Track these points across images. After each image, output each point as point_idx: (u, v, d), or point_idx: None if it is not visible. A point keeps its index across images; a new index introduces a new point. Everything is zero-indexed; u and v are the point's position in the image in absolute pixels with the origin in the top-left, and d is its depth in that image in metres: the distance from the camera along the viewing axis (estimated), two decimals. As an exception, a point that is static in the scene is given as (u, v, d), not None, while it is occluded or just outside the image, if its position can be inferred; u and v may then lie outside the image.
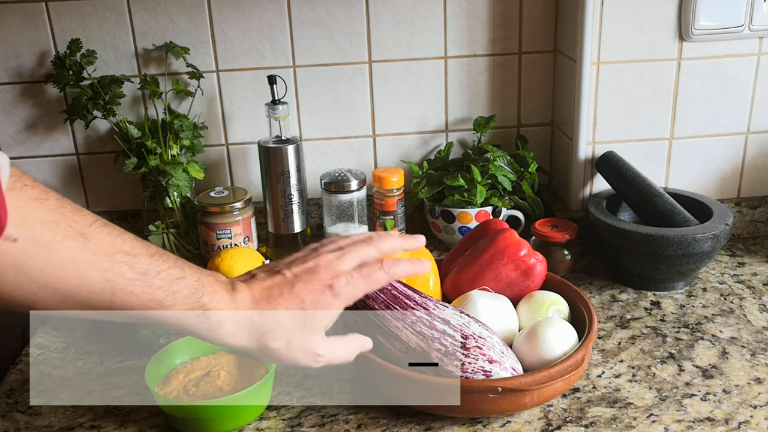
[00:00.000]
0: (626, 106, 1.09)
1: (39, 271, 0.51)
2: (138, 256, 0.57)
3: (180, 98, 1.17)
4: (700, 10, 1.02)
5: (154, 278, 0.58)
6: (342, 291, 0.67)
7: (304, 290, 0.66)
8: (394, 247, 0.73)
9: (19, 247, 0.49)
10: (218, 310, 0.62)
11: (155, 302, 0.58)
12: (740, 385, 0.80)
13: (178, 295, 0.59)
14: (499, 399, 0.72)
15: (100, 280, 0.54)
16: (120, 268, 0.55)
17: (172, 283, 0.59)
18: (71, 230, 0.53)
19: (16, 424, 0.78)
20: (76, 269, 0.53)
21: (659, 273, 0.99)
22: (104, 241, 0.55)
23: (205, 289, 0.61)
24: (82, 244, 0.53)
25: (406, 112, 1.21)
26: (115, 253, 0.55)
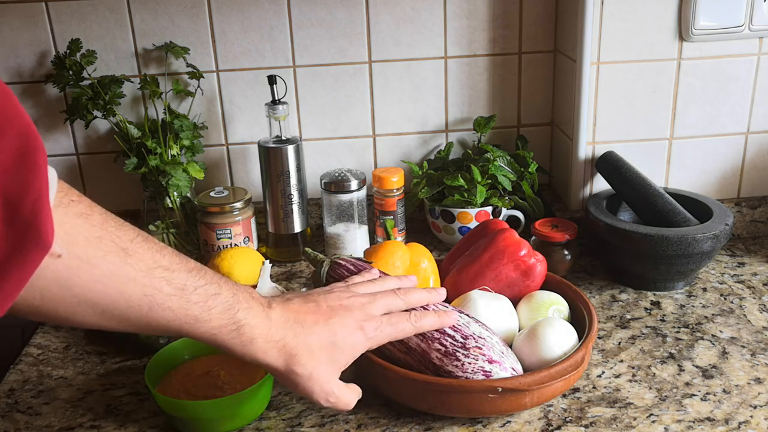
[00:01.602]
0: (626, 106, 1.09)
1: (81, 286, 0.52)
2: (176, 271, 0.58)
3: (180, 98, 1.17)
4: (700, 10, 1.02)
5: (191, 294, 0.59)
6: (371, 334, 0.70)
7: (338, 325, 0.68)
8: (420, 299, 0.75)
9: (63, 263, 0.50)
10: (252, 327, 0.63)
11: (191, 317, 0.59)
12: (740, 385, 0.80)
13: (213, 310, 0.60)
14: (499, 399, 0.72)
15: (139, 295, 0.55)
16: (159, 283, 0.56)
17: (208, 299, 0.60)
18: (113, 246, 0.54)
19: (16, 424, 0.78)
20: (116, 284, 0.54)
21: (659, 273, 0.99)
22: (145, 256, 0.56)
23: (240, 305, 0.63)
24: (123, 259, 0.54)
25: (406, 112, 1.21)
26: (154, 269, 0.56)
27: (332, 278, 0.82)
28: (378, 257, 0.89)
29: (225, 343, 0.63)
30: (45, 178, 0.47)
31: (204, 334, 0.61)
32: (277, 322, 0.65)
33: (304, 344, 0.66)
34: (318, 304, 0.69)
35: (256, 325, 0.64)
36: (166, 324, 0.58)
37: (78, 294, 0.52)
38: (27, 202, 0.45)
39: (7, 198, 0.44)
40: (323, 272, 0.82)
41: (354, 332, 0.69)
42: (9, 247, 0.45)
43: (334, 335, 0.67)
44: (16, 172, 0.45)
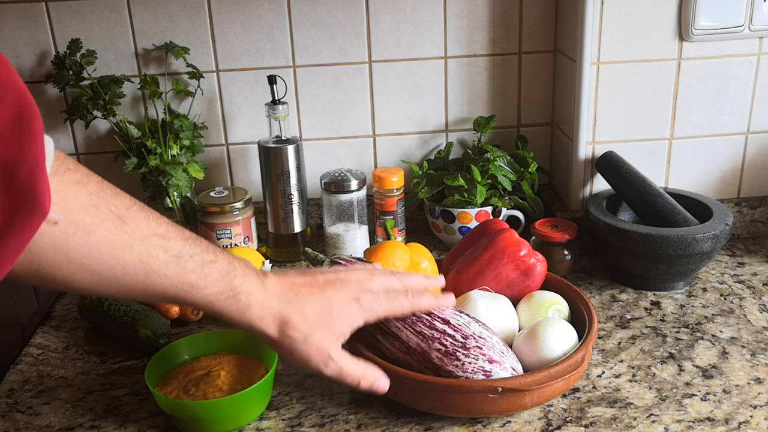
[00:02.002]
0: (626, 106, 1.09)
1: (77, 252, 0.53)
2: (172, 239, 0.60)
3: (180, 98, 1.17)
4: (700, 10, 1.02)
5: (187, 261, 0.60)
6: (367, 306, 0.70)
7: (334, 296, 0.69)
8: (418, 282, 0.76)
9: (59, 229, 0.51)
10: (248, 293, 0.64)
11: (187, 284, 0.60)
12: (740, 385, 0.80)
13: (209, 277, 0.62)
14: (499, 399, 0.72)
15: (135, 261, 0.57)
16: (154, 250, 0.58)
17: (204, 267, 0.61)
18: (110, 214, 0.55)
19: (16, 424, 0.78)
20: (112, 251, 0.55)
21: (659, 273, 0.99)
22: (141, 224, 0.58)
23: (236, 273, 0.64)
24: (119, 227, 0.56)
25: (406, 112, 1.21)
26: (150, 237, 0.58)
27: None
28: (378, 257, 0.89)
29: (222, 310, 0.64)
30: (41, 145, 0.47)
31: (200, 301, 0.62)
32: (272, 290, 0.66)
33: (299, 311, 0.67)
34: (314, 277, 0.70)
35: (252, 292, 0.65)
36: (162, 291, 0.59)
37: (75, 260, 0.53)
38: (24, 169, 0.46)
39: (4, 165, 0.45)
40: None
41: (350, 303, 0.69)
42: (6, 213, 0.45)
43: (329, 304, 0.68)
44: (12, 140, 0.45)
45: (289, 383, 0.83)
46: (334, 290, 0.69)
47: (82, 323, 0.98)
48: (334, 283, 0.70)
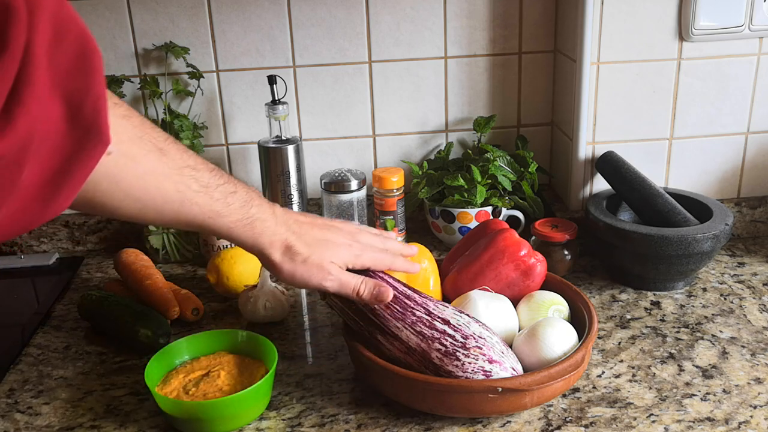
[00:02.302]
0: (626, 106, 1.09)
1: (126, 182, 0.57)
2: (201, 170, 0.65)
3: (180, 98, 1.17)
4: (700, 10, 1.02)
5: (214, 191, 0.65)
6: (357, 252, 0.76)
7: (329, 235, 0.76)
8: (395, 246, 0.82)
9: (112, 160, 0.55)
10: (263, 221, 0.70)
11: (214, 212, 0.66)
12: (740, 385, 0.80)
13: (232, 206, 0.67)
14: (499, 399, 0.72)
15: (173, 191, 0.62)
16: (188, 180, 0.63)
17: (227, 196, 0.67)
18: (152, 145, 0.59)
19: (16, 424, 0.78)
20: (155, 180, 0.60)
21: (659, 273, 0.99)
22: (176, 156, 0.62)
23: (253, 202, 0.70)
24: (159, 158, 0.60)
25: (406, 112, 1.21)
26: (184, 168, 0.63)
27: None
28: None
29: (239, 236, 0.69)
30: (103, 79, 0.50)
31: (221, 228, 0.67)
32: (281, 219, 0.73)
33: (301, 239, 0.73)
34: (314, 219, 0.77)
35: (266, 219, 0.71)
36: (192, 218, 0.64)
37: (124, 189, 0.57)
38: (88, 102, 0.49)
39: (70, 99, 0.48)
40: None
41: (343, 244, 0.76)
42: (74, 143, 0.49)
43: (326, 240, 0.75)
44: (76, 74, 0.48)
45: (289, 383, 0.83)
46: (330, 232, 0.76)
47: (82, 323, 0.98)
48: (330, 227, 0.77)
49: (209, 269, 1.01)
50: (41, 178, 0.48)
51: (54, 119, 0.47)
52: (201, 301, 0.99)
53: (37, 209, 0.49)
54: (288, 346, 0.91)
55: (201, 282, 1.07)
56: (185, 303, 0.97)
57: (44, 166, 0.48)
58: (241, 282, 0.99)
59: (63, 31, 0.47)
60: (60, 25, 0.46)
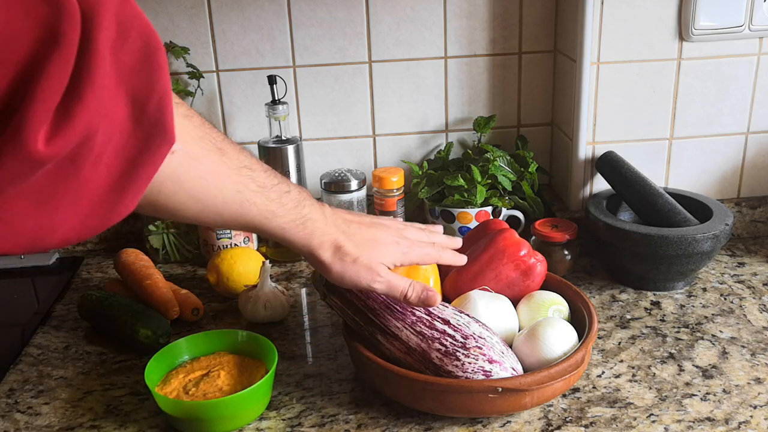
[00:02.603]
0: (626, 106, 1.09)
1: (190, 182, 0.57)
2: (257, 170, 0.64)
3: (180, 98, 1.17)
4: (700, 10, 1.02)
5: (270, 191, 0.65)
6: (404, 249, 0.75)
7: (378, 233, 0.75)
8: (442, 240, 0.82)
9: (176, 159, 0.54)
10: (314, 221, 0.70)
11: (270, 212, 0.65)
12: (740, 385, 0.80)
13: (286, 206, 0.67)
14: (499, 399, 0.72)
15: (233, 191, 0.61)
16: (246, 180, 0.62)
17: (281, 196, 0.66)
18: (212, 145, 0.59)
19: (16, 424, 0.78)
20: (216, 180, 0.59)
21: (659, 273, 0.99)
22: (233, 156, 0.61)
23: (305, 202, 0.69)
24: (219, 158, 0.59)
25: (406, 112, 1.21)
26: (241, 168, 0.62)
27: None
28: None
29: (291, 237, 0.68)
30: (167, 77, 0.49)
31: (275, 229, 0.67)
32: (330, 219, 0.72)
33: (350, 239, 0.72)
34: (361, 217, 0.76)
35: (317, 219, 0.70)
36: (250, 219, 0.64)
37: (187, 189, 0.57)
38: (153, 100, 0.48)
39: (135, 98, 0.47)
40: None
41: (391, 242, 0.75)
42: (139, 142, 0.48)
43: (375, 239, 0.74)
44: (141, 71, 0.47)
45: (289, 383, 0.83)
46: (377, 230, 0.75)
47: (82, 323, 0.98)
48: (378, 225, 0.76)
49: (209, 269, 1.01)
50: (107, 179, 0.47)
51: (119, 118, 0.46)
52: (201, 301, 0.99)
53: (104, 211, 0.48)
54: (288, 346, 0.91)
55: (201, 282, 1.07)
56: (185, 303, 0.97)
57: (110, 166, 0.47)
58: (241, 282, 0.99)
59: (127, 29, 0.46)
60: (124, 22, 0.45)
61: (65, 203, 0.46)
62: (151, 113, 0.48)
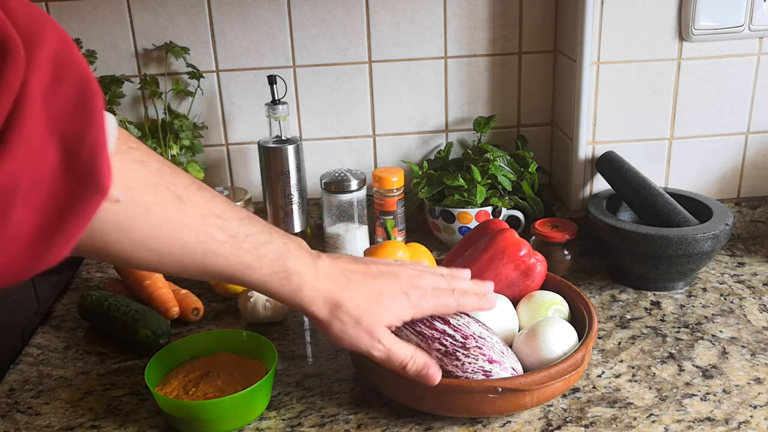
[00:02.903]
0: (626, 106, 1.09)
1: (138, 231, 0.53)
2: (229, 219, 0.60)
3: (180, 98, 1.17)
4: (700, 10, 1.02)
5: (243, 241, 0.60)
6: (416, 302, 0.71)
7: (384, 286, 0.69)
8: (466, 286, 0.76)
9: (121, 208, 0.51)
10: (301, 275, 0.65)
11: (243, 264, 0.61)
12: (740, 385, 0.80)
13: (265, 258, 0.62)
14: (499, 399, 0.72)
15: (193, 241, 0.57)
16: (212, 230, 0.58)
17: (259, 247, 0.62)
18: (169, 193, 0.55)
19: (16, 424, 0.78)
20: (171, 230, 0.56)
21: (659, 273, 0.99)
22: (198, 203, 0.58)
23: (290, 254, 0.65)
24: (178, 206, 0.56)
25: (406, 112, 1.21)
26: (207, 216, 0.58)
27: None
28: (378, 257, 0.89)
29: (275, 291, 0.64)
30: (102, 123, 0.47)
31: (255, 282, 0.63)
32: (324, 272, 0.67)
33: (350, 296, 0.67)
34: (367, 266, 0.71)
35: (305, 273, 0.65)
36: (219, 271, 0.60)
37: (135, 239, 0.54)
38: (85, 147, 0.46)
39: (66, 143, 0.45)
40: None
41: (399, 296, 0.70)
42: (69, 191, 0.46)
43: (380, 294, 0.69)
44: (74, 117, 0.46)
45: (289, 383, 0.83)
46: (384, 281, 0.70)
47: (82, 323, 0.98)
48: (386, 274, 0.71)
49: (209, 269, 1.01)
50: (35, 225, 0.45)
51: (49, 163, 0.44)
52: (201, 301, 0.98)
53: (31, 258, 0.46)
54: (288, 346, 0.91)
55: (201, 282, 1.07)
56: (185, 303, 0.97)
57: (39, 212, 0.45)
58: (241, 282, 0.99)
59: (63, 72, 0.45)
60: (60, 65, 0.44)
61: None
62: (83, 160, 0.46)
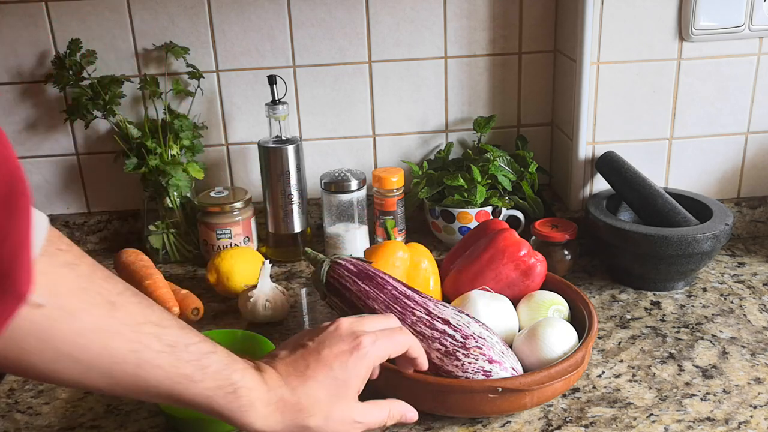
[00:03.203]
0: (626, 106, 1.09)
1: (62, 339, 0.49)
2: (168, 327, 0.55)
3: (180, 98, 1.17)
4: (700, 10, 1.02)
5: (183, 351, 0.55)
6: (368, 350, 0.63)
7: (330, 355, 0.62)
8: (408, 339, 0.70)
9: (43, 314, 0.47)
10: (250, 389, 0.58)
11: (183, 376, 0.55)
12: (740, 385, 0.80)
13: (208, 369, 0.56)
14: (499, 399, 0.72)
15: (125, 350, 0.52)
16: (147, 339, 0.53)
17: (202, 357, 0.56)
18: (100, 298, 0.51)
19: (16, 424, 0.78)
20: (100, 338, 0.51)
21: (659, 273, 0.99)
22: (133, 310, 0.53)
23: (236, 366, 0.59)
24: (109, 312, 0.51)
25: (406, 112, 1.21)
26: (143, 324, 0.53)
27: (332, 278, 0.81)
28: (378, 257, 0.89)
29: (221, 408, 0.58)
30: (27, 225, 0.44)
31: (197, 397, 0.56)
32: (271, 381, 0.60)
33: (306, 395, 0.61)
34: (305, 346, 0.64)
35: (254, 387, 0.59)
36: (156, 384, 0.54)
37: (59, 347, 0.49)
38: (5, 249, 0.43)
39: None
40: (323, 272, 0.82)
41: (350, 356, 0.63)
42: None
43: (330, 369, 0.62)
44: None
45: (289, 383, 0.83)
46: (328, 349, 0.63)
47: (82, 323, 0.98)
48: (325, 340, 0.63)
49: (209, 269, 1.01)
50: None
51: None
52: (201, 301, 0.98)
53: None
54: (288, 346, 0.91)
55: (201, 282, 1.07)
56: (185, 303, 0.97)
57: None
58: (241, 282, 0.99)
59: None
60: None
61: None
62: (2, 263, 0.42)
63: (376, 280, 0.79)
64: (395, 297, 0.77)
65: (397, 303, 0.77)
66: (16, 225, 0.43)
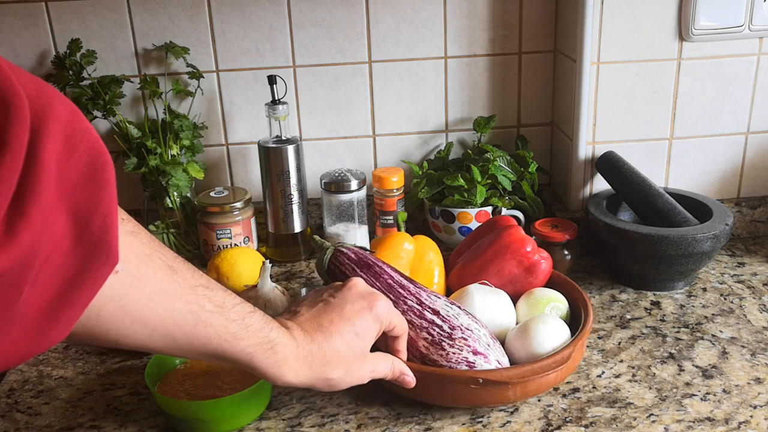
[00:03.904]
0: (626, 106, 1.09)
1: (134, 304, 0.52)
2: (215, 290, 0.59)
3: (180, 98, 1.17)
4: (700, 10, 1.02)
5: (230, 311, 0.59)
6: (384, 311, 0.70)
7: (352, 311, 0.68)
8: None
9: (118, 280, 0.50)
10: (284, 345, 0.63)
11: (230, 335, 0.59)
12: (740, 385, 0.80)
13: (250, 328, 0.61)
14: (482, 390, 0.72)
15: (184, 312, 0.56)
16: (201, 300, 0.57)
17: (245, 317, 0.60)
18: (161, 263, 0.54)
19: (16, 424, 0.78)
20: (165, 301, 0.54)
21: (659, 273, 0.99)
22: (187, 274, 0.57)
23: (273, 324, 0.63)
24: (170, 276, 0.55)
25: (406, 112, 1.21)
26: (196, 286, 0.57)
27: (333, 265, 0.84)
28: (384, 248, 0.90)
29: (259, 364, 0.62)
30: (114, 194, 0.46)
31: (239, 353, 0.60)
32: (300, 337, 0.65)
33: (331, 349, 0.66)
34: (327, 303, 0.70)
35: (287, 344, 0.64)
36: (207, 342, 0.58)
37: (131, 312, 0.52)
38: (97, 218, 0.45)
39: (77, 214, 0.44)
40: (326, 259, 0.85)
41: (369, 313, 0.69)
42: (78, 263, 0.44)
43: (353, 326, 0.68)
44: (86, 188, 0.44)
45: (289, 383, 0.83)
46: (350, 306, 0.69)
47: (82, 323, 0.98)
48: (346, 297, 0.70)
49: (209, 269, 1.01)
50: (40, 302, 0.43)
51: (58, 235, 0.43)
52: (201, 301, 0.98)
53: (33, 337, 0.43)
54: (288, 346, 0.91)
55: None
56: (185, 303, 0.97)
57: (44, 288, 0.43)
58: (241, 282, 0.99)
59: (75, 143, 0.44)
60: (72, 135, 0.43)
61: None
62: (95, 231, 0.45)
63: (374, 269, 0.81)
64: (390, 286, 0.79)
65: (391, 292, 0.78)
66: (105, 195, 0.45)
